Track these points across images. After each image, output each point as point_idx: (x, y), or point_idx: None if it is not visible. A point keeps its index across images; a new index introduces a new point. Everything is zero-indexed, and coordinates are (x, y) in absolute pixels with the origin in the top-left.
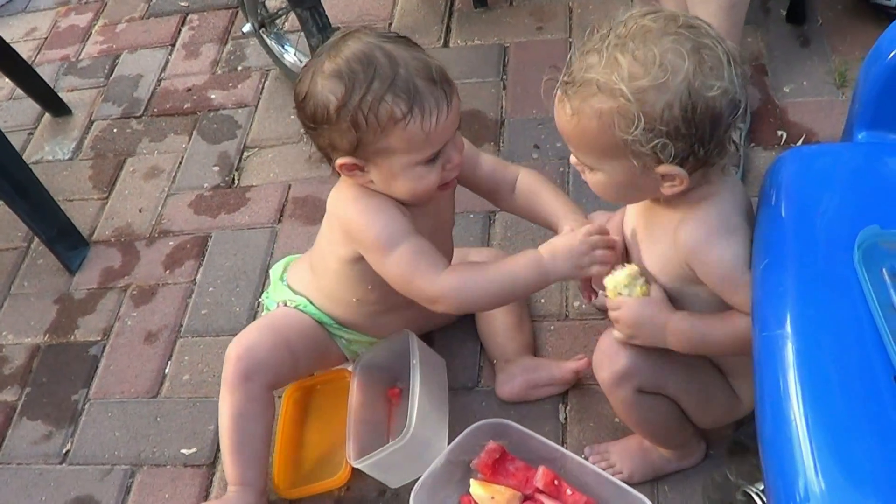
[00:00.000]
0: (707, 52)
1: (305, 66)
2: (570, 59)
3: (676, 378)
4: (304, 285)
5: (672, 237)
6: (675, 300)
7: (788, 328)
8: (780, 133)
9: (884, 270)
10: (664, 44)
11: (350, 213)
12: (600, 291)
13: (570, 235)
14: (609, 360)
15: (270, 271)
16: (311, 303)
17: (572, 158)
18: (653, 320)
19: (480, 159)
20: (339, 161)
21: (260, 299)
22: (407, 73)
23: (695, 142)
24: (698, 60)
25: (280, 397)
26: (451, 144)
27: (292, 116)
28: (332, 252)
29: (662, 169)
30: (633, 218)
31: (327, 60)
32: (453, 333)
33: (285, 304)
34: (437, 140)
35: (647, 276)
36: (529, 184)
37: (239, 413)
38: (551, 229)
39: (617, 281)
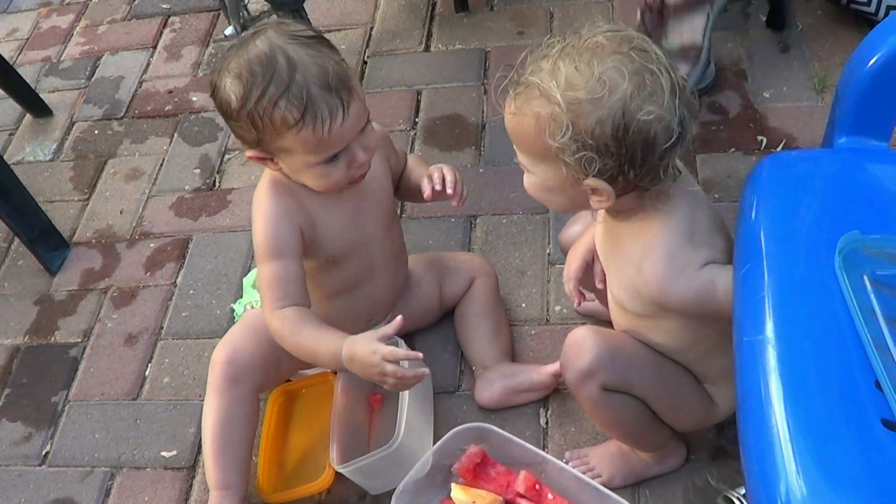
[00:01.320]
0: (649, 77)
1: (222, 58)
2: (523, 60)
3: (643, 375)
4: None
5: (635, 270)
6: (649, 321)
7: (770, 333)
8: (760, 138)
9: (864, 276)
10: (609, 61)
11: (254, 207)
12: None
13: (372, 349)
14: (574, 358)
15: (244, 280)
16: None
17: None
18: None
19: (398, 152)
20: (248, 153)
21: (232, 305)
22: (303, 79)
23: (624, 162)
24: (639, 83)
25: (264, 401)
26: (355, 144)
27: None
28: None
29: (589, 182)
30: (599, 239)
31: (234, 59)
32: (435, 338)
33: (252, 307)
34: (332, 144)
35: (616, 301)
36: (412, 161)
37: (226, 417)
38: (419, 198)
39: None
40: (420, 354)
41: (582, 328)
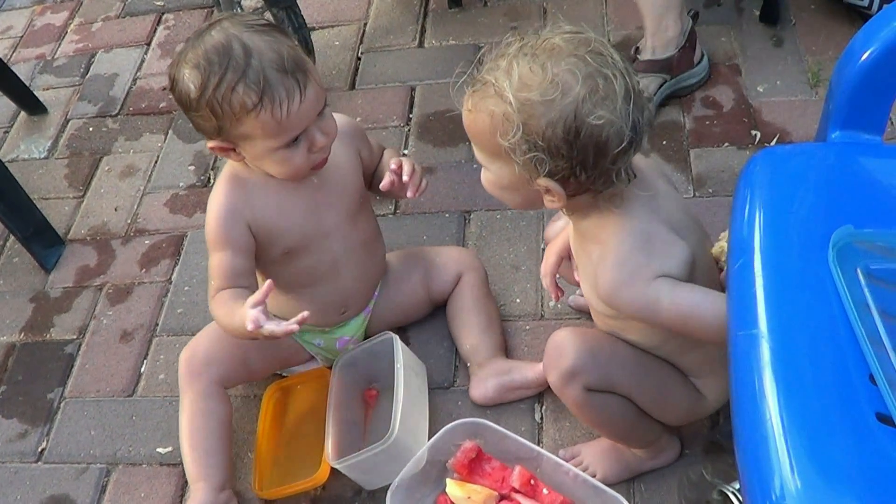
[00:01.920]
0: (602, 82)
1: (178, 52)
2: (482, 58)
3: (625, 373)
4: None
5: (593, 273)
6: (616, 325)
7: (763, 327)
8: (754, 133)
9: (858, 270)
10: (564, 64)
11: (211, 201)
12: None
13: (246, 314)
14: (555, 361)
15: None
16: None
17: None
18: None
19: (373, 146)
20: (209, 144)
21: None
22: (259, 63)
23: (576, 165)
24: (592, 87)
25: (260, 398)
26: (313, 128)
27: None
28: None
29: (541, 182)
30: (571, 238)
31: (190, 50)
32: (430, 334)
33: None
34: (292, 127)
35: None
36: (386, 157)
37: (192, 411)
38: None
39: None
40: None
41: (563, 330)
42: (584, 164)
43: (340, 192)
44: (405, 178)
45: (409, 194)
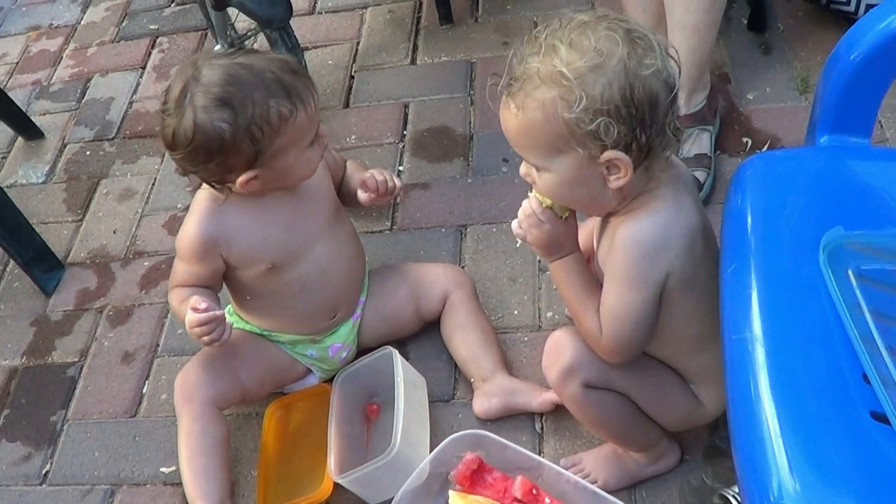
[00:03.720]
0: (638, 37)
1: (168, 112)
2: (510, 63)
3: (623, 371)
4: (234, 304)
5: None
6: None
7: (757, 331)
8: (745, 140)
9: (849, 271)
10: (598, 31)
11: (192, 208)
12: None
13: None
14: (553, 358)
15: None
16: (240, 318)
17: (522, 168)
18: (555, 247)
19: (335, 155)
20: (242, 179)
21: None
22: (273, 74)
23: (636, 125)
24: (631, 44)
25: (261, 416)
26: None
27: None
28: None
29: (607, 155)
30: (598, 241)
31: (197, 95)
32: (429, 349)
33: None
34: (316, 121)
35: None
36: (350, 168)
37: (187, 433)
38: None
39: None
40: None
41: (561, 329)
42: (643, 123)
43: (316, 199)
44: (378, 193)
45: (388, 199)
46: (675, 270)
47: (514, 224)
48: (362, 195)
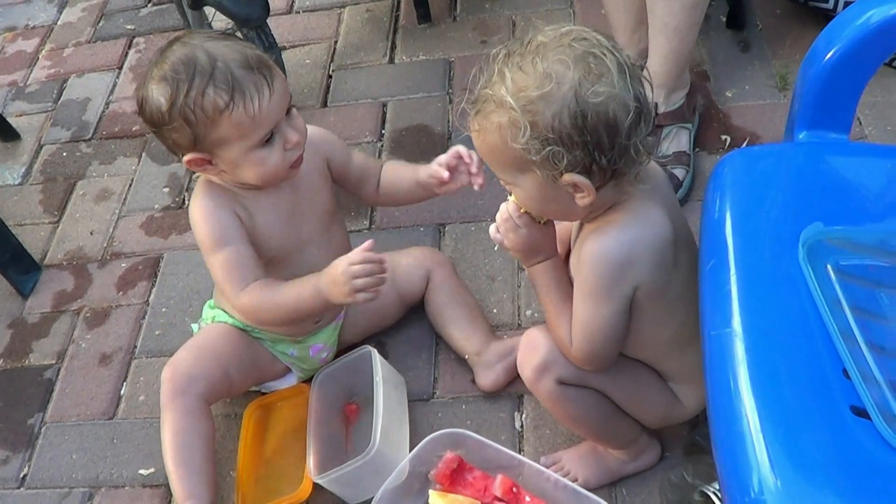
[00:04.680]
0: (594, 61)
1: (142, 76)
2: (475, 78)
3: (598, 372)
4: (218, 298)
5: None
6: None
7: (737, 326)
8: (724, 137)
9: (828, 266)
10: (551, 56)
11: (192, 212)
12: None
13: (341, 264)
14: (528, 355)
15: (207, 303)
16: (224, 311)
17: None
18: (534, 253)
19: (352, 154)
20: (186, 158)
21: (192, 325)
22: (225, 64)
23: (593, 150)
24: (584, 69)
25: (240, 416)
26: (285, 125)
27: None
28: None
29: (566, 178)
30: (574, 238)
31: (156, 67)
32: (408, 347)
33: (205, 324)
34: (265, 122)
35: None
36: (391, 167)
37: (176, 429)
38: (418, 194)
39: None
40: (371, 241)
41: (535, 327)
42: (601, 147)
43: (314, 201)
44: (474, 168)
45: (477, 183)
46: (643, 283)
47: (492, 228)
48: (437, 168)
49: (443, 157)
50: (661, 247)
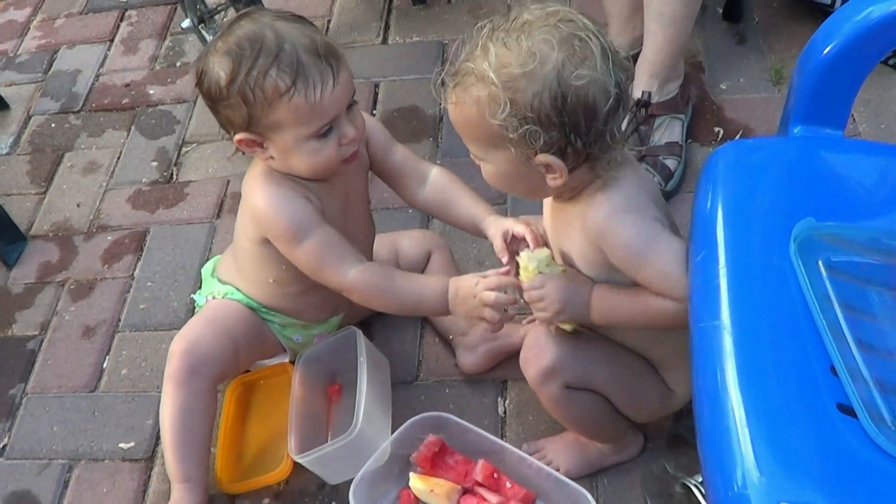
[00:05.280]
0: (578, 44)
1: (205, 48)
2: (457, 51)
3: (604, 372)
4: (230, 273)
5: (581, 227)
6: None
7: (725, 319)
8: (717, 129)
9: (819, 262)
10: (537, 34)
11: (258, 201)
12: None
13: (474, 281)
14: (536, 356)
15: (202, 271)
16: (238, 289)
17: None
18: (578, 293)
19: (394, 147)
20: (237, 137)
21: (192, 296)
22: (292, 48)
23: (570, 132)
24: (568, 51)
25: (222, 392)
26: (343, 119)
27: None
28: (243, 233)
29: (540, 158)
30: (548, 222)
31: (220, 40)
32: (391, 329)
33: (213, 298)
34: (324, 113)
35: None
36: (446, 181)
37: (185, 409)
38: (468, 230)
39: (539, 259)
40: (515, 280)
41: (539, 327)
42: (577, 130)
43: (358, 188)
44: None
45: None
46: (659, 217)
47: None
48: (500, 244)
49: (504, 236)
50: (655, 191)
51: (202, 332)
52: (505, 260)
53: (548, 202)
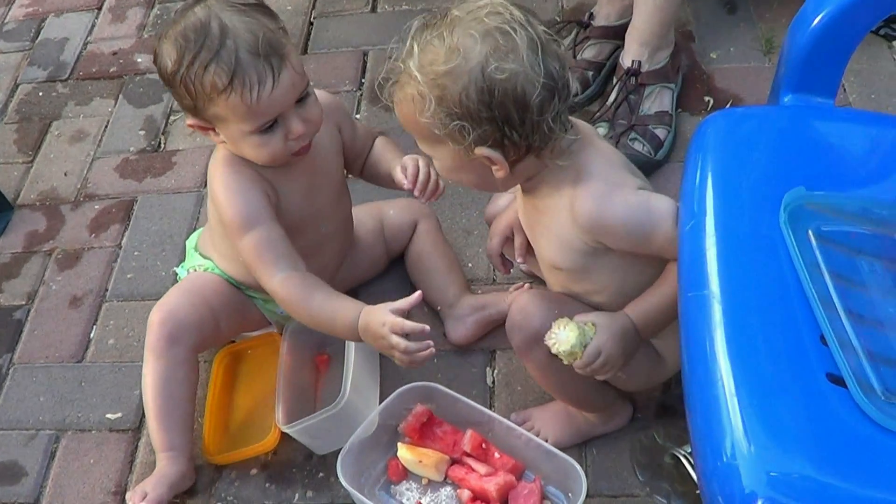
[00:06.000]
0: (501, 37)
1: (164, 25)
2: (391, 51)
3: None
4: (208, 247)
5: (563, 220)
6: (585, 277)
7: (715, 288)
8: (706, 99)
9: (809, 232)
10: (461, 30)
11: (215, 185)
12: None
13: (382, 321)
14: (521, 323)
15: (186, 242)
16: (216, 265)
17: None
18: (625, 333)
19: (355, 130)
20: (188, 122)
21: (175, 269)
22: (234, 44)
23: (502, 125)
24: (492, 45)
25: (210, 362)
26: (292, 115)
27: None
28: (212, 212)
29: (479, 152)
30: (521, 212)
31: (172, 26)
32: (380, 298)
33: (195, 271)
34: (262, 113)
35: (549, 265)
36: (382, 145)
37: (166, 378)
38: (390, 185)
39: (574, 337)
40: (426, 328)
41: (527, 293)
42: (511, 122)
43: (330, 173)
44: (416, 192)
45: (422, 201)
46: (639, 184)
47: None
48: (400, 179)
49: (409, 169)
50: (620, 157)
51: (179, 301)
52: (406, 187)
53: (520, 197)
